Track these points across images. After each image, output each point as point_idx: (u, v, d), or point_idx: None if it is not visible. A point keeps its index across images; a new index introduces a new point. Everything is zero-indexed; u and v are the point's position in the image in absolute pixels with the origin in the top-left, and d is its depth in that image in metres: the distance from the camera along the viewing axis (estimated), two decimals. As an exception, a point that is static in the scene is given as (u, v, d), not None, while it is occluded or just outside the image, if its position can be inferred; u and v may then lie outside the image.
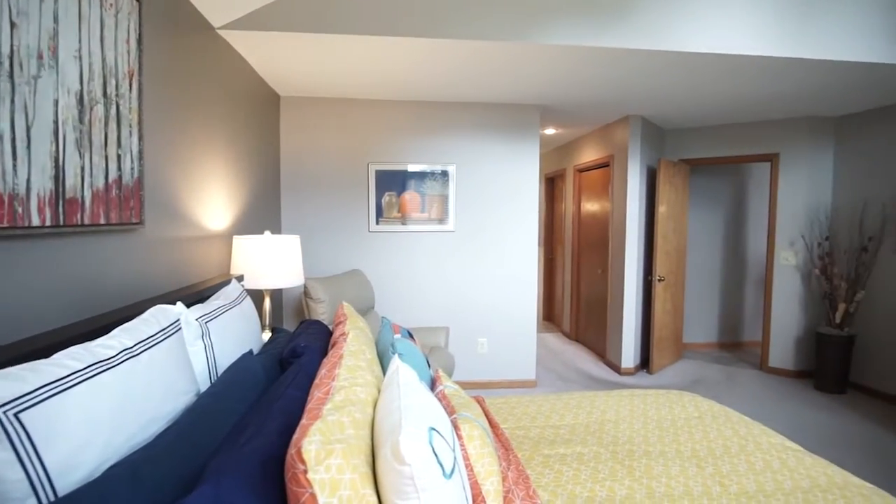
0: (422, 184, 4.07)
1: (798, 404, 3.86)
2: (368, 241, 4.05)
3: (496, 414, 2.09)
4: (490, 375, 4.23)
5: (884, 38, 2.85)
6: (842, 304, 4.08)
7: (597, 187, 5.31)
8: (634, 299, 4.57)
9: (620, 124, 4.58)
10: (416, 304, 4.13)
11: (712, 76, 3.20)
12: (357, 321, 1.76)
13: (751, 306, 5.59)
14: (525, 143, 4.14)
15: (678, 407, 2.16)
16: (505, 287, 4.20)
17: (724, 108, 4.08)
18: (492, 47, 2.71)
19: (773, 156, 4.55)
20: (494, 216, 4.15)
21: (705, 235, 5.52)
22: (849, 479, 1.63)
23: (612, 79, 3.30)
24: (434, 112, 4.02)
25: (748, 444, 1.82)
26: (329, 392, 1.07)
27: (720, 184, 5.51)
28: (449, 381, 1.63)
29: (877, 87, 3.43)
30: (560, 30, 2.63)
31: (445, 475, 0.97)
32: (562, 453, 1.73)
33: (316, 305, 3.23)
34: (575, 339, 5.86)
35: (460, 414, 1.36)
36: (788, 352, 4.56)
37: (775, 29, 2.77)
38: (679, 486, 1.54)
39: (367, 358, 1.41)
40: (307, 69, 3.15)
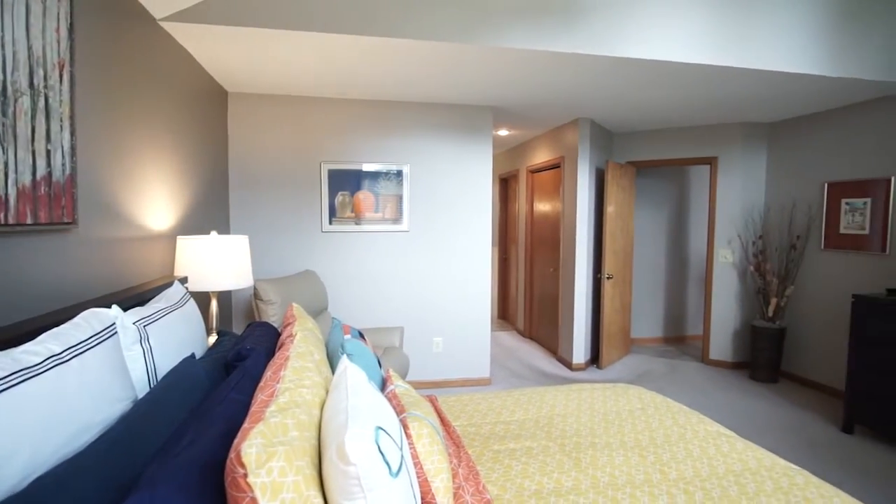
0: (376, 183, 4.04)
1: (735, 393, 4.09)
2: (321, 242, 3.99)
3: (448, 412, 2.11)
4: (445, 374, 4.26)
5: (811, 50, 3.06)
6: (774, 298, 4.35)
7: (548, 188, 5.43)
8: (585, 297, 4.71)
9: (570, 127, 4.71)
10: (370, 305, 4.10)
11: (655, 82, 3.34)
12: (306, 322, 1.73)
13: (693, 302, 5.87)
14: (478, 143, 4.19)
15: (623, 399, 2.24)
16: (459, 286, 4.23)
17: (667, 112, 4.26)
18: (443, 48, 2.73)
19: (712, 159, 4.79)
20: (448, 216, 4.17)
21: (651, 235, 5.75)
22: (776, 462, 1.74)
23: (562, 82, 3.39)
24: (388, 111, 4.01)
25: (687, 432, 1.92)
26: (273, 394, 1.06)
27: (664, 185, 5.76)
28: (400, 381, 1.63)
29: (805, 96, 3.67)
30: (510, 33, 2.67)
31: (392, 474, 0.97)
32: (511, 448, 1.77)
33: (266, 307, 3.15)
34: (529, 336, 5.98)
35: (410, 413, 1.37)
36: (727, 344, 4.82)
37: (713, 39, 2.92)
38: (622, 476, 1.61)
39: (315, 359, 1.39)
40: (255, 65, 3.07)
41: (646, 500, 1.47)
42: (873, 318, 3.18)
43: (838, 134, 4.02)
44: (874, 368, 3.17)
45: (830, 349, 4.08)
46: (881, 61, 3.21)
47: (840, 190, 3.98)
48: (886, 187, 3.63)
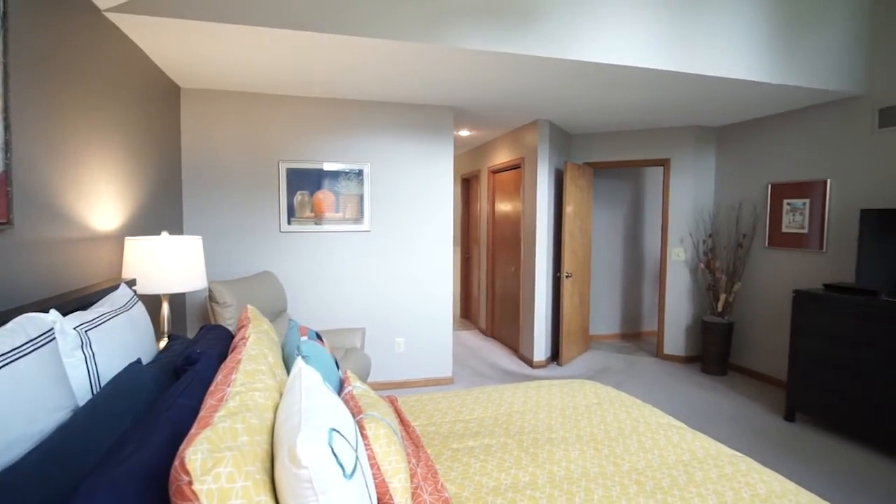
0: (336, 183, 3.99)
1: (687, 386, 4.25)
2: (280, 242, 3.91)
3: (408, 412, 2.11)
4: (407, 375, 4.25)
5: (756, 59, 3.21)
6: (722, 294, 4.54)
7: (509, 188, 5.50)
8: (545, 295, 4.79)
9: (530, 128, 4.78)
10: (331, 306, 4.05)
11: (610, 85, 3.43)
12: (261, 324, 1.69)
13: (648, 299, 6.07)
14: (439, 143, 4.19)
15: (580, 395, 2.30)
16: (421, 286, 4.23)
17: (622, 115, 4.39)
18: (402, 47, 2.72)
19: (665, 160, 4.96)
20: (410, 216, 4.17)
21: (608, 234, 5.90)
22: (721, 450, 1.82)
23: (520, 84, 3.44)
24: (348, 110, 3.97)
25: (639, 425, 1.98)
26: (223, 398, 1.03)
27: (621, 186, 5.93)
28: (358, 382, 1.62)
29: (750, 102, 3.85)
30: (469, 34, 2.69)
31: (346, 476, 0.97)
32: (470, 446, 1.79)
33: (222, 310, 3.07)
34: (491, 335, 6.03)
35: (367, 414, 1.36)
36: (680, 340, 5.01)
37: (664, 45, 3.02)
38: (578, 469, 1.64)
39: (269, 362, 1.36)
40: (209, 60, 2.98)
41: (599, 492, 1.51)
42: (811, 311, 3.37)
43: (780, 138, 4.24)
44: (812, 359, 3.35)
45: (774, 342, 4.30)
46: (818, 71, 3.40)
47: (782, 191, 4.20)
48: (823, 189, 3.85)
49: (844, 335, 3.15)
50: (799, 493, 1.54)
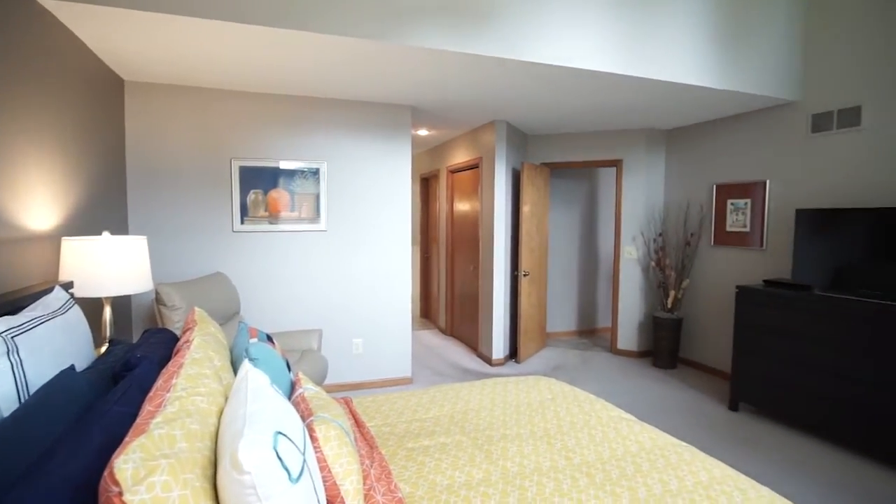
0: (291, 182, 3.91)
1: (640, 380, 4.39)
2: (233, 242, 3.79)
3: (364, 413, 2.09)
4: (366, 376, 4.21)
5: (701, 65, 3.35)
6: (672, 291, 4.72)
7: (468, 188, 5.53)
8: (503, 294, 4.85)
9: (488, 128, 4.83)
10: (287, 307, 3.96)
11: (565, 87, 3.50)
12: (208, 327, 1.64)
13: (603, 296, 6.23)
14: (397, 142, 4.17)
15: (535, 391, 2.34)
16: (379, 286, 4.20)
17: (577, 117, 4.48)
18: (359, 45, 2.69)
19: (618, 161, 5.11)
20: (368, 215, 4.13)
21: (564, 233, 6.03)
22: (668, 440, 1.89)
23: (478, 84, 3.46)
24: (303, 107, 3.89)
25: (591, 418, 2.03)
26: (161, 404, 0.99)
27: (576, 185, 6.06)
28: (310, 384, 1.59)
29: (696, 106, 4.01)
30: (425, 32, 2.69)
31: (292, 480, 0.95)
32: (425, 445, 1.79)
33: (170, 313, 2.95)
34: (450, 334, 6.06)
35: (317, 416, 1.34)
36: (633, 335, 5.17)
37: (617, 49, 3.11)
38: (530, 464, 1.67)
39: (214, 365, 1.32)
40: (155, 52, 2.86)
41: (551, 486, 1.54)
42: (752, 306, 3.54)
43: (724, 140, 4.44)
44: (754, 352, 3.53)
45: (720, 336, 4.50)
46: (758, 78, 3.58)
47: (726, 191, 4.40)
48: (763, 189, 4.06)
49: (782, 328, 3.34)
50: (738, 479, 1.62)
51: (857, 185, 3.42)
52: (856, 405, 2.92)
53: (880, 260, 3.00)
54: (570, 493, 1.49)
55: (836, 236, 3.24)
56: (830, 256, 3.26)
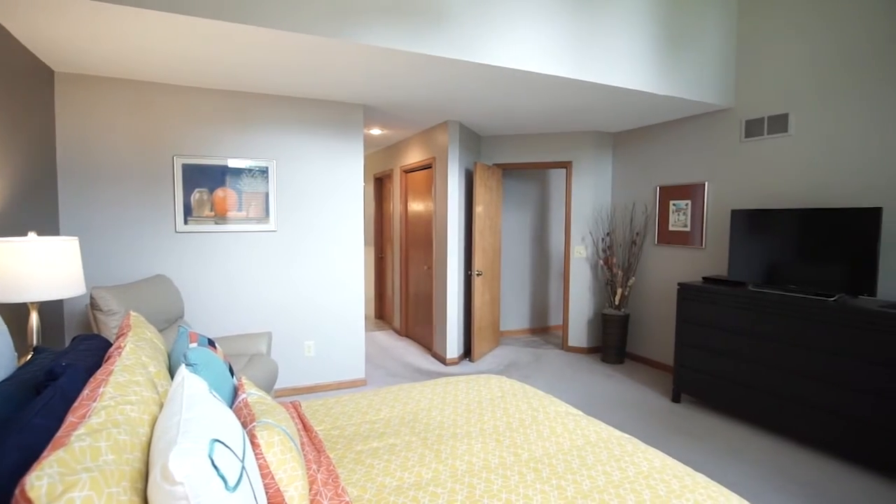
0: (238, 180, 3.79)
1: (589, 375, 4.52)
2: (175, 243, 3.63)
3: (312, 417, 2.05)
4: (318, 378, 4.13)
5: (645, 71, 3.48)
6: (619, 288, 4.88)
7: (421, 188, 5.53)
8: (457, 293, 4.88)
9: (441, 129, 4.84)
10: (234, 310, 3.84)
11: (515, 89, 3.56)
12: (143, 331, 1.56)
13: (555, 295, 6.38)
14: (349, 141, 4.12)
15: (485, 389, 2.36)
16: (331, 287, 4.13)
17: (528, 119, 4.57)
18: (308, 41, 2.64)
19: (568, 163, 5.24)
20: (319, 215, 4.05)
21: (517, 232, 6.13)
22: (612, 433, 1.95)
23: (430, 84, 3.47)
24: (251, 104, 3.78)
25: (539, 414, 2.08)
26: (86, 415, 0.93)
27: (528, 186, 6.17)
28: (253, 389, 1.54)
29: (640, 110, 4.17)
30: (377, 31, 2.67)
31: (229, 488, 0.92)
32: (375, 447, 1.77)
33: (106, 318, 2.80)
34: (405, 335, 6.04)
35: (260, 421, 1.30)
36: (582, 332, 5.31)
37: (564, 53, 3.19)
38: (479, 461, 1.69)
39: (148, 372, 1.26)
40: (88, 43, 2.70)
41: (499, 482, 1.56)
42: (692, 302, 3.71)
43: (667, 144, 4.63)
44: (694, 345, 3.70)
45: (664, 331, 4.69)
46: (696, 85, 3.76)
47: (668, 193, 4.59)
48: (702, 191, 4.27)
49: (720, 323, 3.51)
50: (676, 467, 1.69)
51: (785, 188, 3.64)
52: (786, 394, 3.12)
53: (806, 257, 3.21)
54: (518, 489, 1.52)
55: (767, 235, 3.44)
56: (763, 254, 3.47)
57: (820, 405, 2.94)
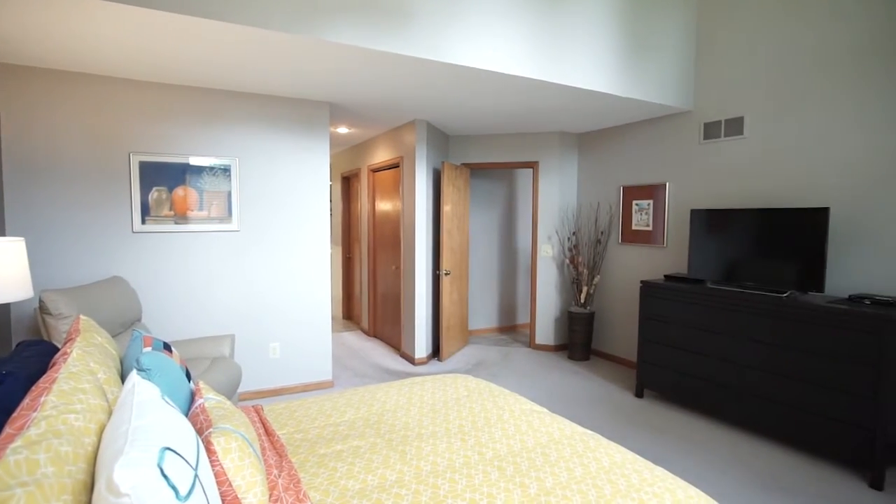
0: (199, 178, 3.68)
1: (556, 373, 4.58)
2: (132, 244, 3.50)
3: (275, 420, 2.01)
4: (284, 381, 4.06)
5: (608, 73, 3.55)
6: (585, 287, 4.97)
7: (389, 187, 5.50)
8: (425, 293, 4.87)
9: (408, 128, 4.82)
10: (196, 313, 3.73)
11: (482, 89, 3.57)
12: (93, 336, 1.50)
13: (522, 293, 6.44)
14: (315, 139, 4.06)
15: (451, 389, 2.36)
16: (297, 288, 4.06)
17: (495, 119, 4.59)
18: (272, 37, 2.58)
19: (534, 163, 5.30)
20: (284, 214, 3.98)
21: (485, 232, 6.16)
22: (575, 430, 1.99)
23: (397, 83, 3.45)
24: (213, 100, 3.67)
25: (504, 413, 2.09)
26: (24, 426, 0.89)
27: (496, 186, 6.22)
28: (211, 394, 1.50)
29: (604, 112, 4.25)
30: (341, 29, 2.63)
31: (180, 498, 0.89)
32: (338, 450, 1.75)
33: (57, 323, 2.67)
34: (373, 335, 5.99)
35: (217, 427, 1.27)
36: (549, 330, 5.38)
37: (530, 54, 3.22)
38: (444, 462, 1.69)
39: (97, 379, 1.21)
40: (34, 33, 2.57)
41: (463, 482, 1.56)
42: (654, 299, 3.81)
43: (630, 145, 4.74)
44: (656, 341, 3.80)
45: (628, 328, 4.80)
46: (658, 88, 3.86)
47: (631, 193, 4.70)
48: (663, 191, 4.38)
49: (680, 319, 3.62)
50: (636, 461, 1.73)
51: (741, 188, 3.78)
52: (743, 387, 3.23)
53: (761, 255, 3.34)
54: (482, 488, 1.52)
55: (725, 234, 3.56)
56: (721, 252, 3.58)
57: (774, 397, 3.06)
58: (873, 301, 2.79)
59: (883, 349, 2.57)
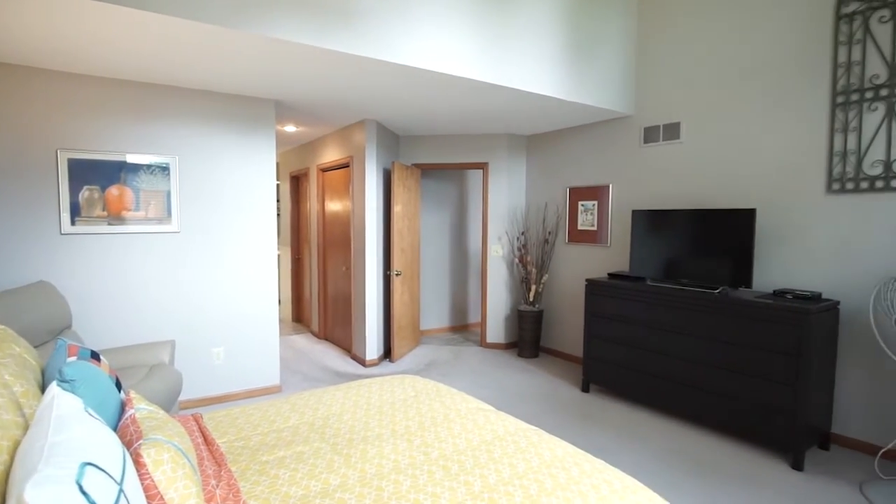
0: (135, 177, 3.51)
1: (505, 370, 4.66)
2: (61, 246, 3.30)
3: (215, 429, 1.95)
4: (229, 387, 3.93)
5: (554, 78, 3.64)
6: (533, 285, 5.08)
7: (339, 187, 5.42)
8: (376, 294, 4.84)
9: (358, 127, 4.77)
10: (133, 318, 3.55)
11: (430, 90, 3.59)
12: (10, 346, 1.41)
13: (473, 293, 6.51)
14: (260, 138, 3.95)
15: (399, 390, 2.36)
16: (243, 290, 3.94)
17: (445, 120, 4.62)
18: (210, 31, 2.49)
19: (484, 164, 5.37)
20: (228, 214, 3.85)
21: (436, 232, 6.19)
22: (520, 426, 2.03)
23: (344, 82, 3.41)
24: (150, 95, 3.50)
25: (450, 412, 2.11)
26: (-76, 447, 0.83)
27: (447, 186, 6.25)
28: (143, 404, 1.44)
29: (550, 115, 4.36)
30: (282, 24, 2.57)
31: (102, 514, 0.85)
32: (281, 456, 1.72)
33: (-28, 332, 2.48)
34: (324, 337, 5.90)
35: (147, 438, 1.22)
36: (500, 328, 5.47)
37: (479, 57, 3.26)
38: (389, 463, 1.69)
39: (12, 393, 1.14)
40: (-59, 21, 2.38)
41: (408, 482, 1.57)
42: (599, 297, 3.95)
43: (576, 147, 4.88)
44: (600, 337, 3.94)
45: (574, 325, 4.95)
46: (601, 92, 4.00)
47: (577, 194, 4.85)
48: (607, 192, 4.54)
49: (623, 316, 3.76)
50: (577, 455, 1.79)
51: (678, 190, 3.97)
52: (680, 379, 3.40)
53: (697, 253, 3.52)
54: (426, 488, 1.53)
55: (663, 234, 3.73)
56: (660, 251, 3.75)
57: (709, 388, 3.23)
58: (795, 295, 3.00)
59: (802, 339, 2.77)
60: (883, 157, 2.89)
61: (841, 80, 3.05)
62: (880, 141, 2.90)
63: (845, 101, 3.03)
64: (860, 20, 2.96)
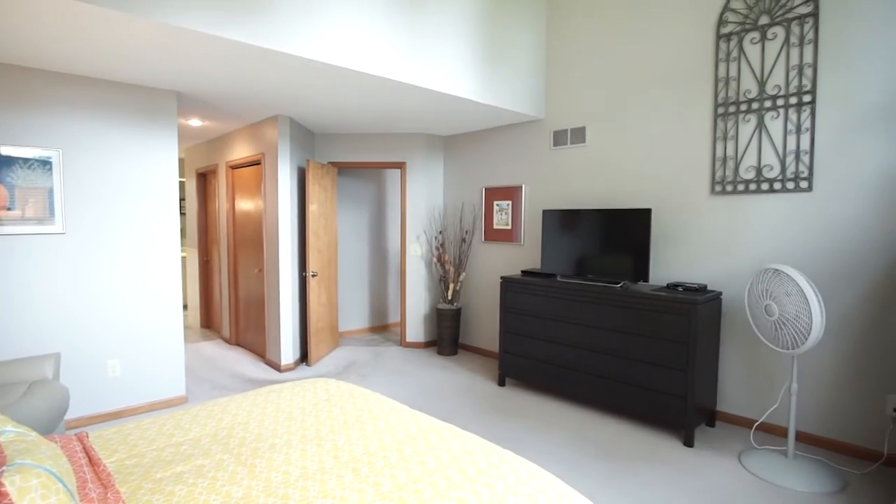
0: (9, 172, 3.14)
1: (425, 368, 4.70)
2: (-87, 251, 2.88)
3: (103, 447, 1.79)
4: (126, 402, 3.63)
5: (468, 79, 3.71)
6: (451, 284, 5.16)
7: (250, 185, 5.19)
8: (291, 296, 4.68)
9: (270, 123, 4.59)
10: (10, 330, 3.17)
11: (342, 87, 3.52)
12: None
13: (393, 292, 6.50)
14: (160, 131, 3.68)
15: (310, 394, 2.31)
16: (141, 296, 3.65)
17: (361, 118, 4.56)
18: (99, 13, 2.28)
19: (402, 164, 5.37)
20: (123, 214, 3.55)
21: (354, 232, 6.10)
22: (433, 424, 2.06)
23: (252, 76, 3.26)
24: (27, 81, 3.14)
25: (363, 414, 2.10)
26: None
27: (365, 185, 6.18)
28: (9, 426, 1.30)
29: (466, 116, 4.44)
30: (179, 11, 2.42)
31: (-53, 553, 0.76)
32: (179, 472, 1.62)
33: None
34: (236, 343, 5.62)
35: (13, 464, 1.10)
36: (419, 327, 5.50)
37: (391, 55, 3.25)
38: (297, 470, 1.64)
39: None
40: None
41: (316, 488, 1.54)
42: (513, 293, 4.09)
43: (491, 149, 5.01)
44: (514, 332, 4.08)
45: (491, 322, 5.09)
46: (513, 96, 4.13)
47: (493, 194, 4.98)
48: (520, 193, 4.71)
49: (535, 311, 3.92)
50: (486, 448, 1.85)
51: (585, 191, 4.20)
52: (588, 369, 3.60)
53: (602, 250, 3.75)
54: (335, 492, 1.51)
55: (572, 232, 3.93)
56: (569, 249, 3.95)
57: (614, 376, 3.46)
58: (685, 288, 3.28)
59: (691, 327, 3.04)
60: (755, 164, 3.24)
61: (721, 93, 3.38)
62: (753, 149, 3.25)
63: (725, 112, 3.36)
64: (736, 40, 3.30)
